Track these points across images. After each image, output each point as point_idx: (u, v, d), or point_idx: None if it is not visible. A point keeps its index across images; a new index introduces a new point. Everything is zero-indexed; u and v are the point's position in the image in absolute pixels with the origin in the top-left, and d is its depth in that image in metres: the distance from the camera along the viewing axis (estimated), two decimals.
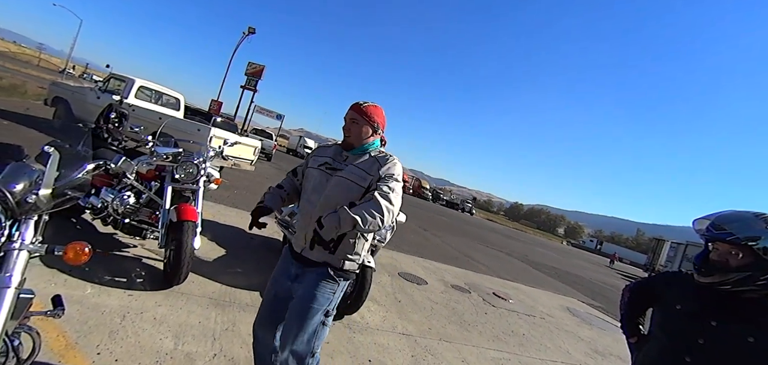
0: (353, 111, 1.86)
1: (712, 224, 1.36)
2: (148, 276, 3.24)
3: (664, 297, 1.56)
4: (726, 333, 1.30)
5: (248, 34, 31.18)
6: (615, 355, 5.32)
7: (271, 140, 25.95)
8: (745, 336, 1.26)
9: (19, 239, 1.26)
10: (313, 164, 1.91)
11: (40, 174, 1.37)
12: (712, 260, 1.36)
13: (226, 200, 7.07)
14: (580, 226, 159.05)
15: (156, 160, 3.42)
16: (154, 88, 10.81)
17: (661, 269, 29.96)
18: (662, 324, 1.51)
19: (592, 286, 13.83)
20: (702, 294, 1.40)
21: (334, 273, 1.79)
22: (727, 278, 1.30)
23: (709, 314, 1.35)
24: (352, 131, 1.85)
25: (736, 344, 1.27)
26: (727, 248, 1.31)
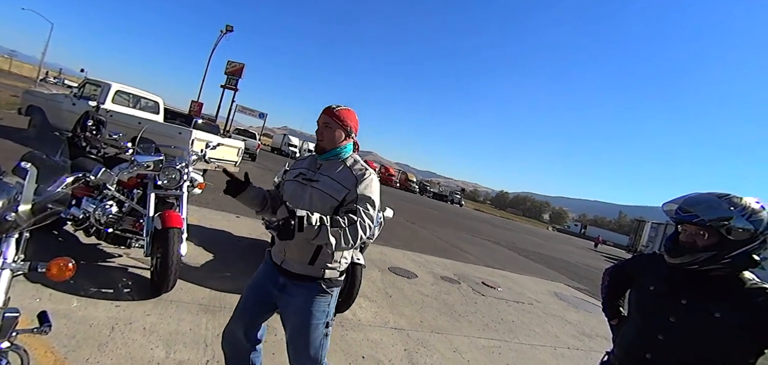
0: (326, 115, 1.83)
1: (679, 207, 1.42)
2: (135, 286, 3.19)
3: (639, 278, 1.63)
4: (694, 311, 1.37)
5: (226, 33, 30.62)
6: (601, 336, 5.48)
7: (254, 140, 25.64)
8: (712, 312, 1.33)
9: (0, 259, 1.23)
10: (289, 176, 1.92)
11: (18, 190, 1.34)
12: (681, 242, 1.43)
13: (211, 203, 6.97)
14: (565, 211, 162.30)
15: (136, 168, 3.36)
16: (132, 92, 10.54)
17: (644, 249, 30.89)
18: (637, 305, 1.58)
19: (578, 270, 14.17)
20: (673, 274, 1.47)
21: (325, 286, 1.78)
22: (696, 258, 1.36)
23: (679, 293, 1.42)
24: (325, 136, 1.82)
25: (704, 320, 1.34)
26: (694, 229, 1.37)
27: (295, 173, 1.89)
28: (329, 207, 1.72)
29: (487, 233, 19.76)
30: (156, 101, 11.21)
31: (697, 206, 1.37)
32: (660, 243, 11.21)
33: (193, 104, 29.57)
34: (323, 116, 1.84)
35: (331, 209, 1.71)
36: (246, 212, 7.21)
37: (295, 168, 1.95)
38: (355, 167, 1.81)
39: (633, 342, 1.52)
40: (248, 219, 6.67)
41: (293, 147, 47.01)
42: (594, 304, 7.80)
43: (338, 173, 1.79)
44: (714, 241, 1.33)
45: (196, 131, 9.36)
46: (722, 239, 1.32)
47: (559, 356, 4.34)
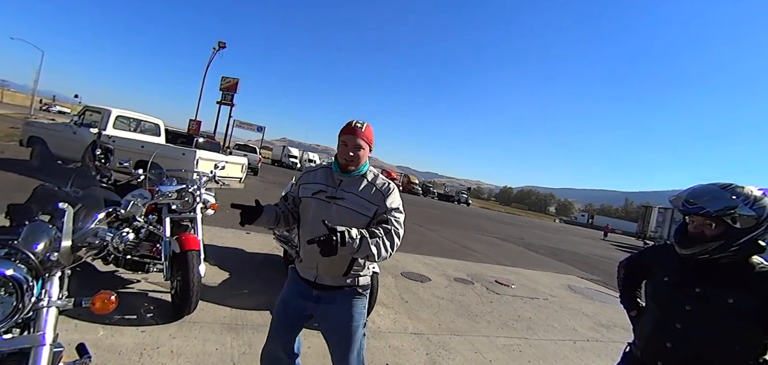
0: (358, 137, 1.79)
1: (685, 200, 1.46)
2: (158, 310, 3.22)
3: (653, 270, 1.68)
4: (708, 298, 1.41)
5: (219, 49, 30.89)
6: (619, 326, 5.47)
7: (255, 154, 25.79)
8: (725, 298, 1.37)
9: (46, 297, 1.27)
10: (305, 193, 1.86)
11: (56, 231, 1.37)
12: (690, 233, 1.47)
13: (220, 221, 7.00)
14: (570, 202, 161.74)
15: (162, 198, 3.42)
16: (132, 117, 10.64)
17: (652, 235, 30.74)
18: (653, 296, 1.63)
19: (589, 261, 14.12)
20: (684, 264, 1.51)
21: (360, 291, 1.86)
22: (705, 248, 1.41)
23: (692, 282, 1.46)
24: (357, 158, 1.79)
25: (718, 306, 1.38)
26: (701, 220, 1.42)
27: (313, 190, 1.83)
28: (359, 224, 1.69)
29: (495, 230, 19.73)
30: (156, 124, 11.31)
31: (702, 198, 1.41)
32: (669, 228, 11.39)
33: (191, 123, 29.76)
34: (355, 138, 1.78)
35: (362, 227, 1.69)
36: (256, 228, 7.25)
37: (309, 184, 1.86)
38: (378, 181, 1.85)
39: (652, 332, 1.56)
40: (259, 235, 6.71)
41: (293, 158, 47.18)
42: (608, 294, 7.78)
43: (363, 189, 1.81)
44: (721, 230, 1.38)
45: (200, 151, 9.45)
46: (729, 228, 1.37)
47: (579, 349, 4.33)
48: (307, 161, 49.65)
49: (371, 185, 1.83)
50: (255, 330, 3.22)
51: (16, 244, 1.25)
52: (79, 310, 1.34)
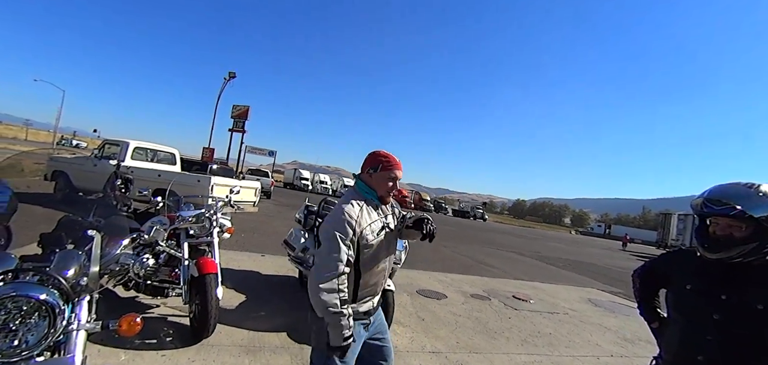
0: (401, 171, 1.87)
1: (711, 200, 1.39)
2: (177, 334, 3.25)
3: (673, 278, 1.61)
4: (736, 305, 1.34)
5: (230, 79, 31.78)
6: (644, 340, 5.29)
7: (268, 178, 26.17)
8: (755, 304, 1.31)
9: (76, 320, 1.31)
10: (374, 237, 1.75)
11: (85, 257, 1.43)
12: (716, 235, 1.39)
13: (235, 245, 7.09)
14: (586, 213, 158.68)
15: (183, 223, 3.51)
16: (149, 147, 10.97)
17: (673, 243, 29.85)
18: (676, 306, 1.55)
19: (609, 272, 13.77)
20: (707, 269, 1.44)
21: None
22: (740, 251, 1.33)
23: (717, 288, 1.39)
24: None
25: (747, 313, 1.32)
26: (728, 221, 1.35)
27: (377, 229, 1.78)
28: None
29: (510, 244, 19.45)
30: (172, 153, 11.62)
31: (736, 199, 1.33)
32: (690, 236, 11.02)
33: (204, 151, 30.44)
34: (401, 174, 1.87)
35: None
36: (271, 251, 7.31)
37: (371, 225, 1.77)
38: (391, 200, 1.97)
39: (682, 345, 1.48)
40: (274, 257, 6.75)
41: (305, 180, 47.63)
42: (631, 307, 7.54)
43: (391, 210, 1.98)
44: (751, 231, 1.32)
45: (214, 178, 9.64)
46: (759, 228, 1.30)
47: None
48: (319, 183, 50.04)
49: (391, 206, 1.97)
50: (272, 351, 3.23)
51: (48, 270, 1.31)
52: (103, 334, 1.38)
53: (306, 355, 3.22)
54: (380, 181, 1.81)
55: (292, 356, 3.21)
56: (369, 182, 1.83)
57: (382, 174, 1.80)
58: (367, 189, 1.82)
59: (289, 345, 3.40)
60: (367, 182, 1.83)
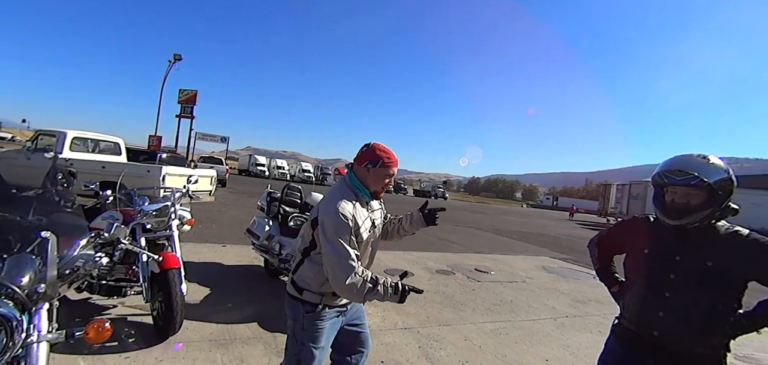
0: (397, 167, 1.86)
1: (672, 171, 1.50)
2: (139, 333, 3.08)
3: (629, 243, 1.73)
4: (689, 263, 1.49)
5: (175, 62, 29.78)
6: (593, 301, 5.75)
7: (222, 165, 25.03)
8: (705, 261, 1.46)
9: (35, 332, 1.20)
10: (365, 234, 1.77)
11: (40, 261, 1.30)
12: (675, 203, 1.51)
13: (193, 236, 6.76)
14: (535, 187, 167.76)
15: (146, 218, 3.29)
16: (90, 137, 10.09)
17: (612, 210, 32.45)
18: (636, 269, 1.67)
19: (559, 241, 14.74)
20: (661, 234, 1.58)
21: None
22: (697, 217, 1.46)
23: (671, 250, 1.53)
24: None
25: (699, 270, 1.46)
26: (686, 190, 1.47)
27: (368, 226, 1.79)
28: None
29: (468, 220, 20.18)
30: (116, 142, 10.77)
31: (695, 169, 1.45)
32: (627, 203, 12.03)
33: (151, 139, 28.54)
34: (396, 170, 1.86)
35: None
36: (232, 241, 7.06)
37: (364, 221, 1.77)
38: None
39: (643, 304, 1.60)
40: (236, 247, 6.54)
41: (261, 167, 46.11)
42: (580, 271, 8.17)
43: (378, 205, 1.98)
44: (704, 198, 1.44)
45: (165, 167, 9.07)
46: (712, 195, 1.44)
47: (560, 326, 4.54)
48: (276, 168, 48.65)
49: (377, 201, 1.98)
50: (244, 343, 3.16)
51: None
52: (62, 343, 1.28)
53: (280, 343, 3.19)
54: (377, 177, 1.80)
55: (265, 345, 3.16)
56: (364, 177, 1.79)
57: (380, 171, 1.78)
58: (359, 185, 1.80)
59: (262, 335, 3.34)
60: (362, 176, 1.80)
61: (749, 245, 1.45)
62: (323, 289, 1.75)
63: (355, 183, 1.80)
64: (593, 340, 4.16)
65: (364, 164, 1.79)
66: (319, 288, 1.76)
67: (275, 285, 4.84)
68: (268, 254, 4.88)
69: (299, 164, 56.04)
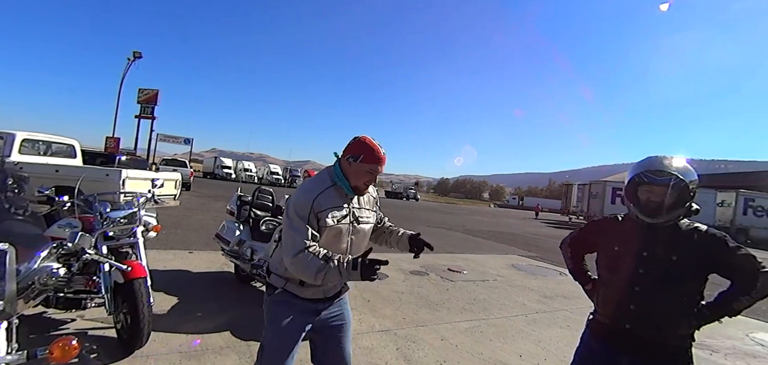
0: (383, 166, 1.78)
1: (651, 171, 1.58)
2: (102, 348, 2.88)
3: (600, 242, 1.82)
4: (656, 259, 1.58)
5: (134, 60, 28.38)
6: (560, 296, 5.99)
7: (186, 168, 24.04)
8: (670, 256, 1.56)
9: None
10: (332, 222, 1.70)
11: None
12: (650, 202, 1.59)
13: (158, 243, 6.45)
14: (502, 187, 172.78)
15: (113, 226, 3.10)
16: (41, 139, 9.39)
17: (574, 209, 33.93)
18: (608, 266, 1.76)
19: (526, 239, 15.23)
20: (629, 232, 1.67)
21: (347, 290, 1.97)
22: (671, 216, 1.57)
23: (639, 247, 1.62)
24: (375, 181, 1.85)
25: (665, 265, 1.56)
26: (662, 190, 1.56)
27: (337, 216, 1.71)
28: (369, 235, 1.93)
29: (439, 220, 20.46)
30: (70, 144, 10.09)
31: (675, 170, 1.54)
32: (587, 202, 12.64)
33: (108, 140, 27.04)
34: (382, 168, 1.77)
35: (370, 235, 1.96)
36: (199, 246, 6.80)
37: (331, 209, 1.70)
38: (371, 190, 1.93)
39: (616, 298, 1.68)
40: (204, 253, 6.30)
41: (227, 169, 44.71)
42: (547, 269, 8.48)
43: (367, 202, 1.92)
44: (677, 198, 1.54)
45: (125, 171, 8.60)
46: (684, 195, 1.54)
47: (531, 322, 4.68)
48: (243, 171, 47.31)
49: (369, 195, 1.91)
50: (217, 353, 3.04)
51: None
52: (34, 363, 1.18)
53: (254, 352, 3.08)
54: (357, 172, 1.73)
55: (239, 354, 3.05)
56: (346, 169, 1.74)
57: (360, 166, 1.71)
58: (341, 176, 1.74)
59: (235, 344, 3.23)
60: (344, 168, 1.75)
61: (708, 240, 1.56)
62: (287, 274, 1.73)
63: (337, 173, 1.76)
64: (562, 335, 4.33)
65: (347, 156, 1.74)
66: (283, 273, 1.74)
67: (247, 292, 4.70)
68: (238, 260, 4.73)
69: (267, 166, 54.77)
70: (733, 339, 4.67)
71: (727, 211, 22.80)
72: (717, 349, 4.30)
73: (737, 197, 23.06)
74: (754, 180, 30.26)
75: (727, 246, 1.54)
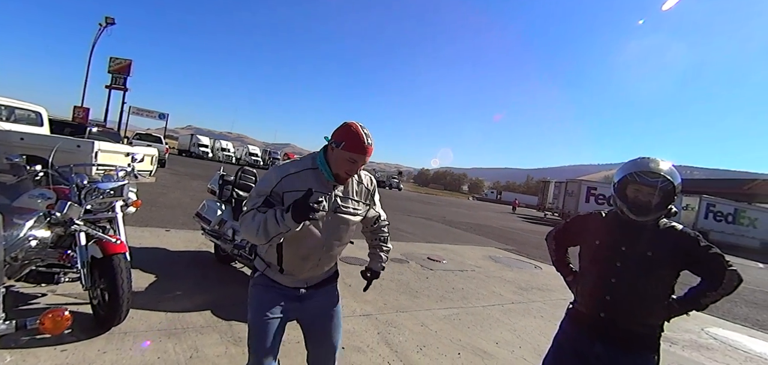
0: (369, 156, 1.66)
1: (644, 172, 1.64)
2: (76, 324, 2.77)
3: (583, 237, 1.91)
4: (633, 254, 1.68)
5: (107, 26, 27.04)
6: (535, 288, 6.20)
7: (161, 144, 23.26)
8: (645, 251, 1.65)
9: None
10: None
11: None
12: (639, 201, 1.66)
13: (132, 220, 6.26)
14: (481, 181, 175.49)
15: (102, 197, 2.98)
16: (3, 104, 8.84)
17: (550, 206, 34.91)
18: (589, 259, 1.85)
19: (503, 233, 15.59)
20: (611, 227, 1.76)
21: (337, 277, 1.98)
22: (657, 215, 1.65)
23: (618, 242, 1.71)
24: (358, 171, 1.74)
25: (641, 260, 1.66)
26: (650, 190, 1.63)
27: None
28: (353, 226, 1.83)
29: (419, 210, 20.66)
30: (37, 111, 9.54)
31: (666, 172, 1.62)
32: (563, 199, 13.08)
33: (76, 110, 25.81)
34: (366, 158, 1.66)
35: (355, 228, 1.86)
36: (176, 225, 6.66)
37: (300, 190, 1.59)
38: (365, 179, 1.87)
39: (593, 289, 1.78)
40: (182, 232, 6.17)
41: (204, 147, 43.52)
42: (523, 262, 8.73)
43: (354, 191, 1.81)
44: (662, 198, 1.63)
45: (98, 143, 8.26)
46: (669, 196, 1.62)
47: (507, 312, 4.84)
48: (221, 151, 46.20)
49: (360, 183, 1.82)
50: (198, 332, 3.01)
51: None
52: (23, 333, 1.14)
53: (236, 332, 3.09)
54: (339, 159, 1.63)
55: (220, 334, 3.03)
56: (329, 155, 1.67)
57: (341, 153, 1.61)
58: (323, 161, 1.68)
59: (216, 323, 3.20)
60: (328, 155, 1.67)
61: (682, 238, 1.66)
62: (267, 258, 1.75)
63: (320, 157, 1.69)
64: (536, 324, 4.50)
65: (332, 141, 1.65)
66: (265, 256, 1.77)
67: (227, 272, 4.65)
68: (219, 241, 4.66)
69: (246, 147, 53.62)
70: (690, 332, 4.98)
71: (691, 214, 24.00)
72: (676, 341, 4.57)
73: (700, 202, 24.31)
74: (717, 187, 31.98)
75: (699, 245, 1.65)
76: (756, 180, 33.49)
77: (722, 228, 23.50)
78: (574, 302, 1.93)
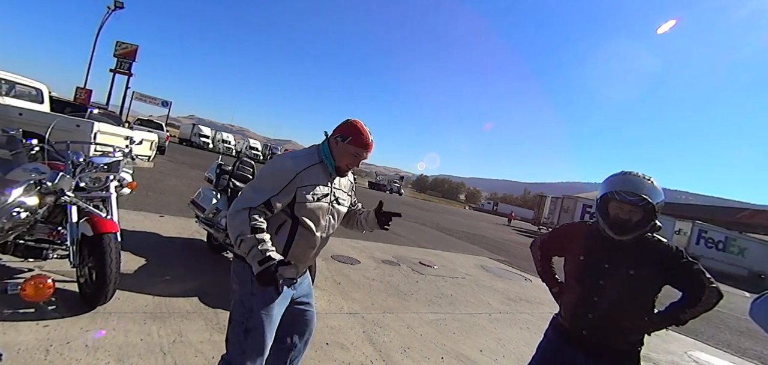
0: (369, 152, 1.82)
1: (625, 191, 1.64)
2: (61, 301, 2.81)
3: (568, 249, 1.91)
4: (616, 271, 1.68)
5: (115, 9, 26.97)
6: (524, 300, 6.22)
7: (162, 131, 23.21)
8: (628, 270, 1.65)
9: None
10: (312, 199, 1.72)
11: None
12: (619, 219, 1.66)
13: (127, 203, 6.25)
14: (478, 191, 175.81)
15: (96, 171, 2.99)
16: (3, 77, 8.80)
17: (545, 221, 34.99)
18: (572, 273, 1.85)
19: (497, 244, 15.61)
20: (595, 243, 1.76)
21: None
22: (638, 233, 1.64)
23: (602, 259, 1.72)
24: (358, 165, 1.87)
25: (623, 277, 1.66)
26: (631, 208, 1.63)
27: (318, 194, 1.74)
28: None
29: (414, 216, 20.66)
30: (38, 88, 9.50)
31: (643, 190, 1.61)
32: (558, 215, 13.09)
33: (79, 91, 25.72)
34: (368, 153, 1.82)
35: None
36: (171, 211, 6.65)
37: (314, 186, 1.73)
38: (349, 175, 1.99)
39: (576, 305, 1.79)
40: (175, 218, 6.17)
41: (205, 138, 43.40)
42: (513, 273, 8.75)
43: (344, 185, 1.97)
44: (642, 216, 1.62)
45: (98, 123, 8.25)
46: (651, 214, 1.62)
47: (494, 320, 4.85)
48: (222, 142, 46.11)
49: (347, 179, 1.98)
50: (184, 317, 3.01)
51: None
52: (3, 298, 1.15)
53: (222, 320, 3.09)
54: (343, 153, 1.77)
55: (206, 320, 3.04)
56: (333, 147, 1.78)
57: (347, 147, 1.75)
58: (328, 153, 1.78)
59: (203, 310, 3.21)
60: (332, 147, 1.78)
61: (665, 252, 1.67)
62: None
63: (324, 150, 1.79)
64: (522, 335, 4.51)
65: (336, 135, 1.78)
66: None
67: (218, 261, 4.65)
68: (213, 229, 4.66)
69: (247, 141, 53.56)
70: (672, 354, 4.99)
71: (683, 239, 24.09)
72: (659, 362, 4.59)
73: (693, 228, 24.42)
74: (710, 214, 32.15)
75: (681, 260, 1.66)
76: (748, 209, 33.73)
77: (712, 255, 23.59)
78: (558, 314, 1.94)
